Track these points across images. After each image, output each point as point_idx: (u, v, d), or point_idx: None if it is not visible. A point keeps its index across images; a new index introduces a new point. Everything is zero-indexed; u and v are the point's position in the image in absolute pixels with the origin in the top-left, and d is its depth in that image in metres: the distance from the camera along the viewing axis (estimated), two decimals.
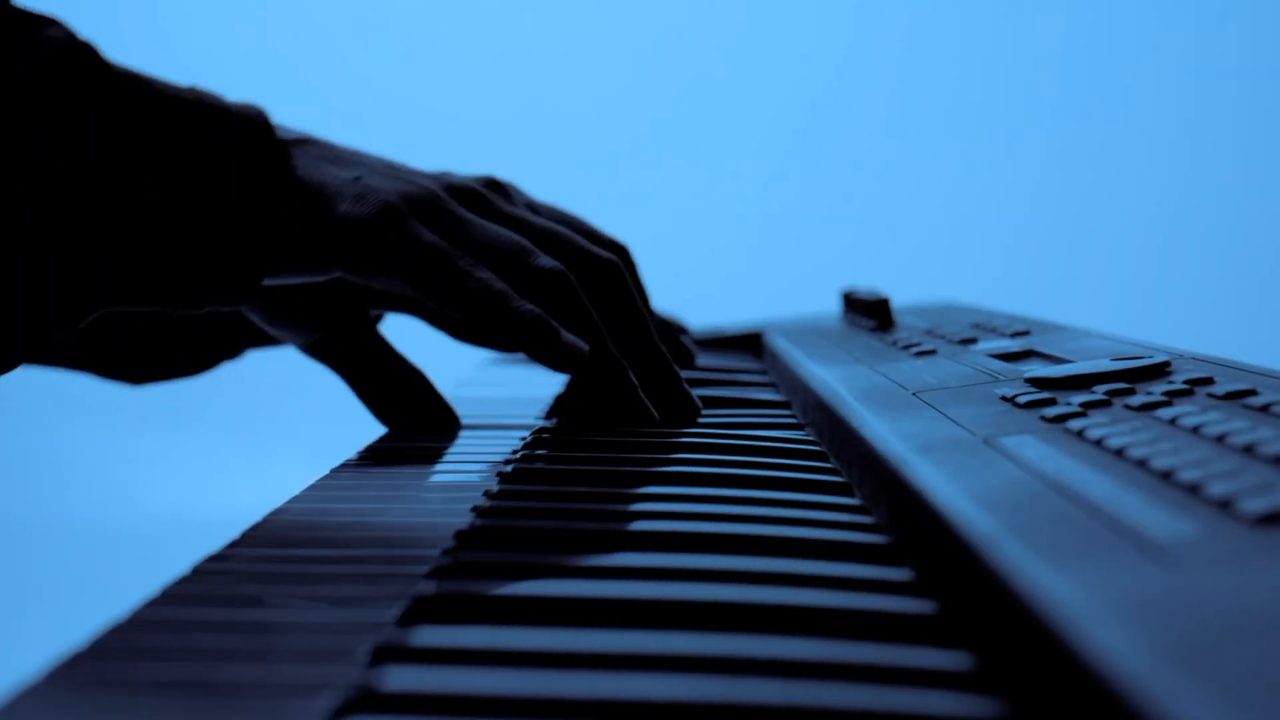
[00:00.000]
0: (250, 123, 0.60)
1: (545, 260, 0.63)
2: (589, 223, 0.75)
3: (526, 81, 2.27)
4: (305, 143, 0.63)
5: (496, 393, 0.84)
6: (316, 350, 0.72)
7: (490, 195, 0.67)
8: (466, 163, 0.72)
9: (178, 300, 0.58)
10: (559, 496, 0.50)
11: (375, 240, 0.60)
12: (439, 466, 0.61)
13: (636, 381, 0.65)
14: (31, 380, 0.66)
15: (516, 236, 0.64)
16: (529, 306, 0.61)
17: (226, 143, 0.58)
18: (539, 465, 0.56)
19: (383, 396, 0.71)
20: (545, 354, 0.61)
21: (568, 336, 0.61)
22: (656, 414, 0.66)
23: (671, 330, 0.85)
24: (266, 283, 0.61)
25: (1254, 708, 0.23)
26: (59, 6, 0.58)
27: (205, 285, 0.58)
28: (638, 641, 0.34)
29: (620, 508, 0.48)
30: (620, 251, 0.75)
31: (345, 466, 0.59)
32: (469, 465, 0.60)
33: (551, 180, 0.85)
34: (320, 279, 0.63)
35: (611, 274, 0.67)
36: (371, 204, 0.61)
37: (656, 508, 0.48)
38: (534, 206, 0.73)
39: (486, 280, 0.61)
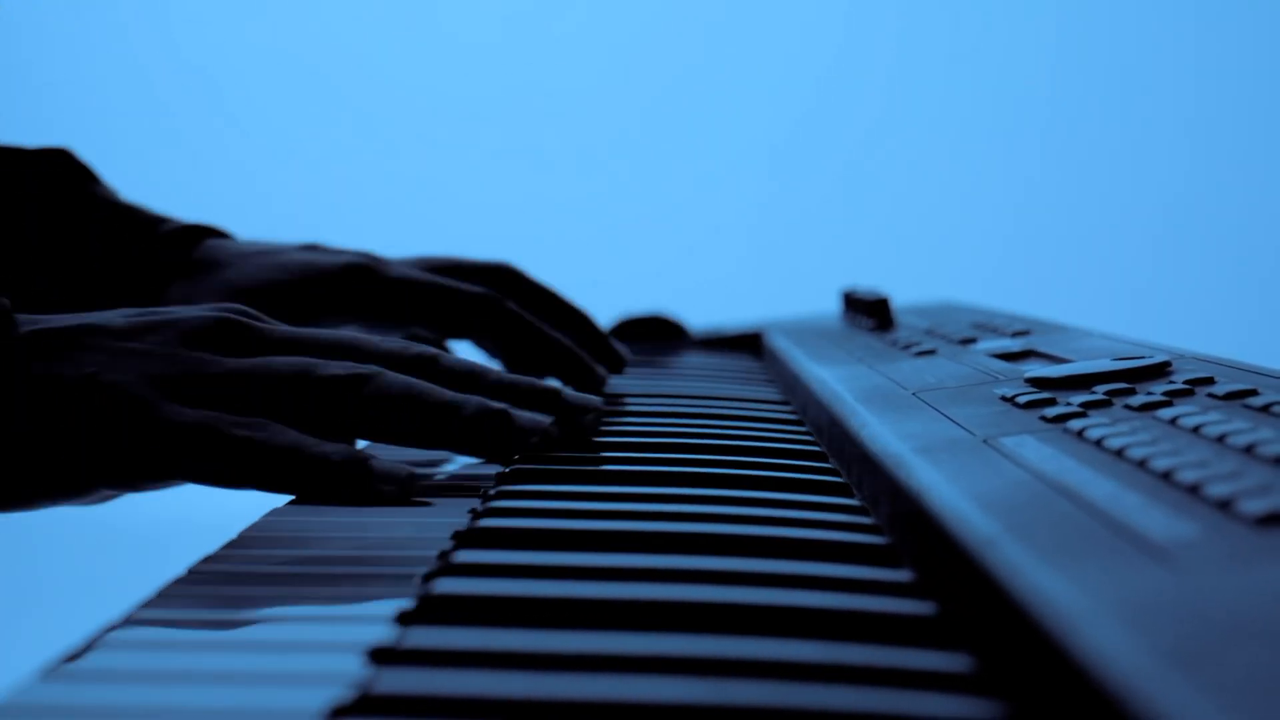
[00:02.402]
0: None
1: (333, 368, 0.54)
2: (459, 259, 0.78)
3: (525, 80, 2.27)
4: (36, 336, 0.52)
5: None
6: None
7: (250, 324, 0.57)
8: (465, 162, 0.72)
9: None
10: (557, 497, 0.50)
11: (127, 445, 0.52)
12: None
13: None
14: None
15: (291, 359, 0.55)
16: (328, 449, 0.52)
17: None
18: (537, 466, 0.55)
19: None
20: (356, 494, 0.53)
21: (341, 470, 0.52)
22: (527, 430, 0.57)
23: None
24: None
25: (1255, 710, 0.23)
26: (63, 6, 0.57)
27: None
28: (636, 643, 0.34)
29: (619, 508, 0.48)
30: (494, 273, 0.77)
31: None
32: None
33: (551, 180, 0.84)
34: (90, 500, 0.54)
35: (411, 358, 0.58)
36: (115, 405, 0.51)
37: (655, 508, 0.47)
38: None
39: (266, 438, 0.52)
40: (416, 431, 0.55)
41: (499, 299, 0.74)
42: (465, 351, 0.79)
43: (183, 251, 0.74)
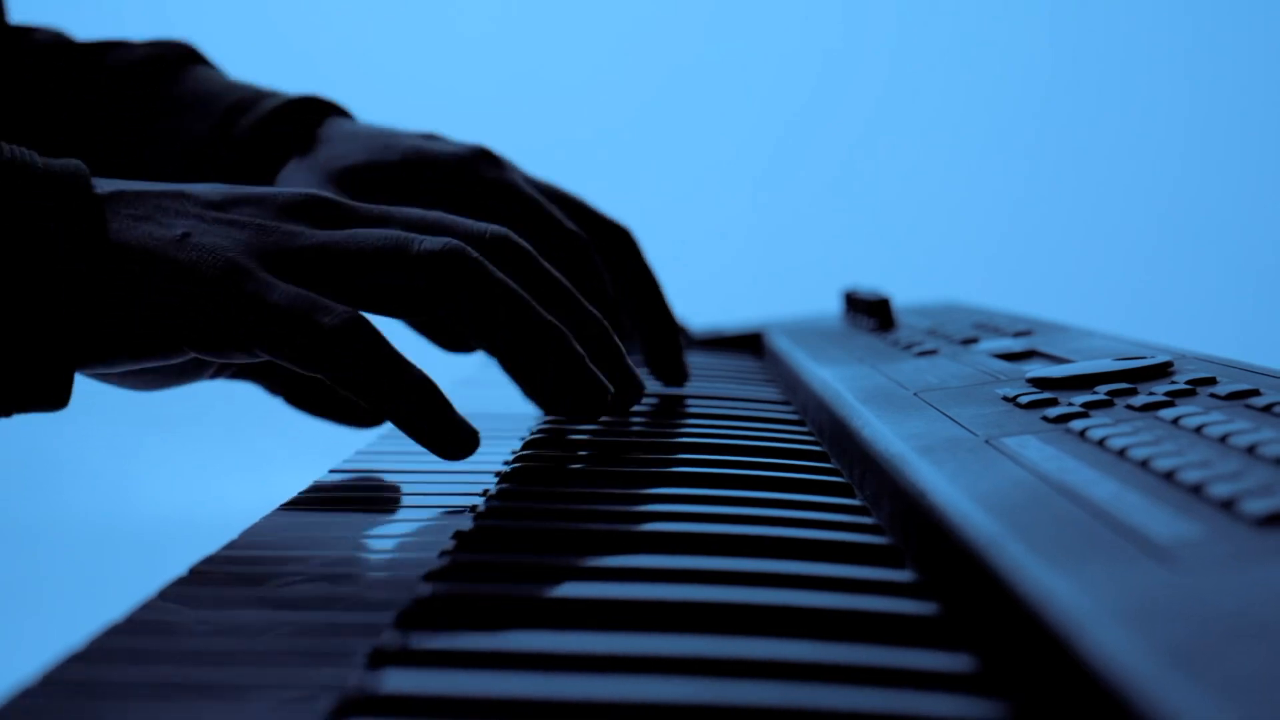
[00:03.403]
0: (63, 183, 0.49)
1: (429, 243, 0.53)
2: (583, 201, 0.73)
3: (524, 80, 2.27)
4: (120, 197, 0.51)
5: (498, 392, 0.84)
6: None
7: (340, 201, 0.56)
8: None
9: None
10: (558, 497, 0.50)
11: (220, 310, 0.50)
12: (438, 467, 0.61)
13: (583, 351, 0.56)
14: None
15: (385, 231, 0.53)
16: (411, 370, 0.51)
17: (30, 210, 0.48)
18: (538, 465, 0.55)
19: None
20: (426, 430, 0.52)
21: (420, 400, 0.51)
22: (610, 386, 0.57)
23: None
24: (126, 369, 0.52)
25: (1257, 709, 0.23)
26: (63, 5, 0.57)
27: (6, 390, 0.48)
28: (637, 643, 0.34)
29: (620, 509, 0.48)
30: (610, 232, 0.72)
31: (342, 468, 0.59)
32: (468, 465, 0.60)
33: (550, 180, 0.85)
34: (174, 361, 0.52)
35: (506, 245, 0.57)
36: (209, 268, 0.50)
37: (656, 508, 0.47)
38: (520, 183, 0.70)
39: (356, 338, 0.50)
40: (493, 335, 0.53)
41: (598, 279, 0.67)
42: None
43: (299, 127, 0.71)
